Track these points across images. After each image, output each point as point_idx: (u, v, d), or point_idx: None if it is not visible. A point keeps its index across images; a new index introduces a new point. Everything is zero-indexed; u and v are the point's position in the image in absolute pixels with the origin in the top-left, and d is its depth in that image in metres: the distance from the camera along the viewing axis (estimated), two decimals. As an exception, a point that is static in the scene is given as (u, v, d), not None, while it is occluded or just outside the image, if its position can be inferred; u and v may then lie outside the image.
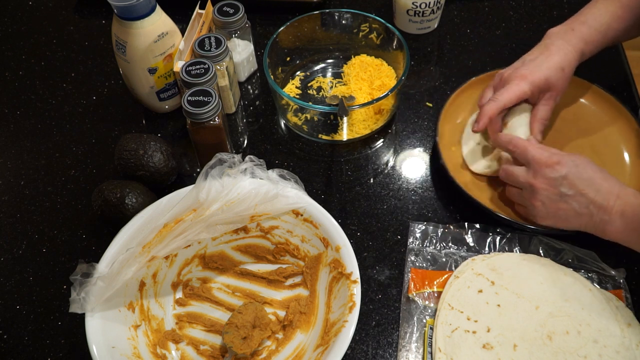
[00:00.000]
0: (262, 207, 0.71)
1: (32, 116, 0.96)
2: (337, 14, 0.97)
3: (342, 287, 0.68)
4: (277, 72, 0.95)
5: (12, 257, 0.80)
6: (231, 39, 0.94)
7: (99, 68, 1.03)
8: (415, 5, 0.98)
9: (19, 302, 0.76)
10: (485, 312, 0.70)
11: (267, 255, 0.77)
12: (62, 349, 0.73)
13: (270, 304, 0.75)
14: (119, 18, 0.81)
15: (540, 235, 0.77)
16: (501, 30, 1.06)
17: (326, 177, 0.87)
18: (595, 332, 0.68)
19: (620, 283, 0.73)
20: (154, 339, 0.69)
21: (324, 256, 0.72)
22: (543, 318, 0.69)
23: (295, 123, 0.92)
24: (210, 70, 0.81)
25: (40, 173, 0.89)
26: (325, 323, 0.68)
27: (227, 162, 0.71)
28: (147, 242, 0.67)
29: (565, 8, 1.08)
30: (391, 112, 0.91)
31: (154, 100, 0.92)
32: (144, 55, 0.84)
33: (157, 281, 0.73)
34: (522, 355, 0.67)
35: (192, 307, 0.75)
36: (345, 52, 1.00)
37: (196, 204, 0.69)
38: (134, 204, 0.76)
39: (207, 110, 0.77)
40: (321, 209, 0.72)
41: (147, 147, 0.80)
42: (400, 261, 0.78)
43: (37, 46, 1.07)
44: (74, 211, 0.85)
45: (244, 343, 0.69)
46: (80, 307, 0.64)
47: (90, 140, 0.93)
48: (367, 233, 0.81)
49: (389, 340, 0.72)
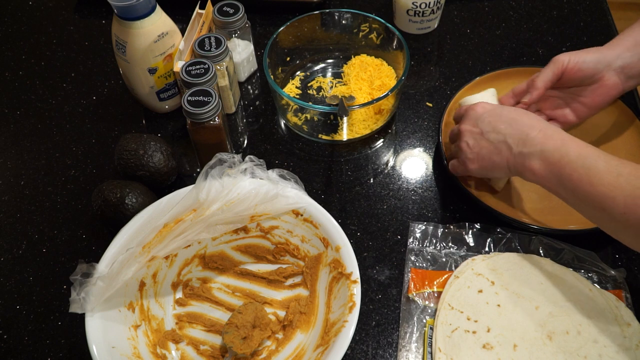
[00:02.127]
0: (262, 207, 0.71)
1: (32, 116, 0.96)
2: (337, 14, 0.97)
3: (342, 287, 0.68)
4: (277, 72, 0.95)
5: (12, 257, 0.80)
6: (231, 39, 0.94)
7: (99, 68, 1.03)
8: (415, 5, 0.98)
9: (19, 302, 0.76)
10: (485, 312, 0.70)
11: (267, 255, 0.77)
12: (62, 349, 0.73)
13: (270, 304, 0.75)
14: (119, 18, 0.81)
15: (540, 235, 0.77)
16: (501, 30, 1.06)
17: (326, 177, 0.87)
18: (595, 332, 0.68)
19: (620, 283, 0.73)
20: (154, 339, 0.69)
21: (324, 256, 0.72)
22: (543, 318, 0.69)
23: (295, 123, 0.92)
24: (210, 70, 0.81)
25: (40, 173, 0.89)
26: (325, 323, 0.68)
27: (227, 162, 0.71)
28: (147, 242, 0.67)
29: (565, 8, 1.08)
30: (391, 112, 0.91)
31: (154, 100, 0.92)
32: (144, 55, 0.84)
33: (157, 281, 0.73)
34: (522, 355, 0.67)
35: (192, 307, 0.75)
36: (345, 52, 1.00)
37: (196, 204, 0.69)
38: (134, 204, 0.76)
39: (207, 110, 0.77)
40: (321, 209, 0.72)
41: (147, 147, 0.80)
42: (400, 261, 0.78)
43: (37, 46, 1.07)
44: (74, 211, 0.85)
45: (244, 343, 0.69)
46: (80, 307, 0.63)
47: (90, 140, 0.93)
48: (367, 233, 0.81)
49: (389, 340, 0.72)
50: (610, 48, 0.78)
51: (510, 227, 0.78)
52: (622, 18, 2.09)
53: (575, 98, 0.82)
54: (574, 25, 1.06)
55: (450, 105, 0.89)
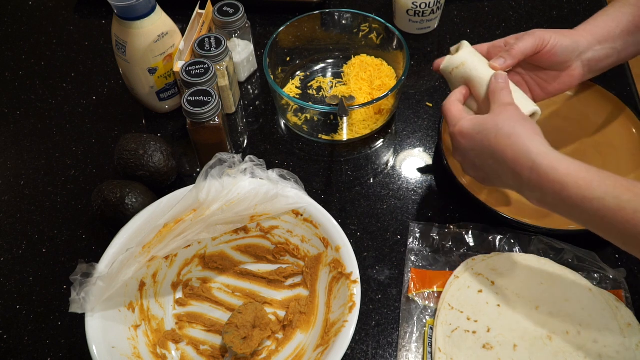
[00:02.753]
0: (262, 207, 0.71)
1: (32, 116, 0.96)
2: (337, 14, 0.97)
3: (342, 287, 0.68)
4: (277, 72, 0.95)
5: (12, 257, 0.80)
6: (231, 39, 0.94)
7: (99, 68, 1.03)
8: (415, 5, 0.98)
9: (19, 302, 0.76)
10: (485, 312, 0.70)
11: (267, 255, 0.77)
12: (62, 349, 0.73)
13: (270, 304, 0.75)
14: (119, 18, 0.81)
15: (540, 235, 0.77)
16: (501, 30, 1.06)
17: (326, 177, 0.87)
18: (595, 332, 0.68)
19: (620, 283, 0.73)
20: (154, 339, 0.69)
21: (324, 256, 0.72)
22: (543, 318, 0.69)
23: (295, 123, 0.92)
24: (210, 70, 0.81)
25: (40, 173, 0.89)
26: (325, 323, 0.68)
27: (227, 162, 0.71)
28: (147, 242, 0.67)
29: (565, 8, 1.08)
30: (391, 112, 0.91)
31: (154, 100, 0.92)
32: (144, 55, 0.84)
33: (157, 281, 0.73)
34: (522, 355, 0.67)
35: (192, 307, 0.75)
36: (345, 52, 1.00)
37: (196, 204, 0.69)
38: (134, 204, 0.76)
39: (207, 110, 0.77)
40: (321, 209, 0.72)
41: (147, 147, 0.80)
42: (400, 261, 0.78)
43: (37, 46, 1.07)
44: (74, 211, 0.85)
45: (244, 343, 0.69)
46: (80, 307, 0.63)
47: (90, 140, 0.93)
48: (367, 233, 0.81)
49: (389, 340, 0.72)
50: (584, 35, 0.74)
51: (510, 227, 0.78)
52: (622, 18, 2.07)
53: (536, 80, 0.78)
54: (574, 26, 1.05)
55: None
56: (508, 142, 0.62)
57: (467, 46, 0.76)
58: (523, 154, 0.61)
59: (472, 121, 0.68)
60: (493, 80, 0.70)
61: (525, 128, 0.63)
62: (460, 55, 0.75)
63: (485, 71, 0.72)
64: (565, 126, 0.89)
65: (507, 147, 0.62)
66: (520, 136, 0.62)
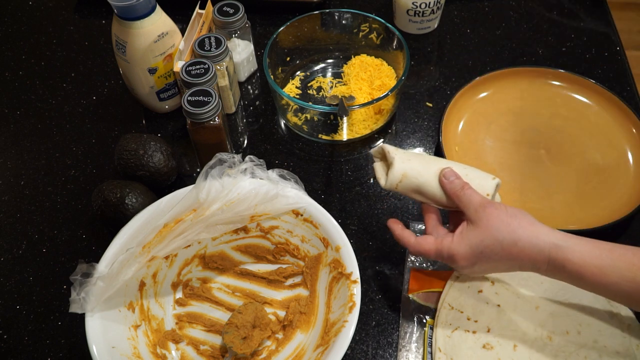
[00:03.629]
0: (262, 207, 0.71)
1: (32, 116, 0.96)
2: (337, 14, 0.97)
3: (342, 287, 0.68)
4: (277, 72, 0.95)
5: (12, 257, 0.80)
6: (231, 39, 0.94)
7: (99, 68, 1.03)
8: (415, 5, 0.98)
9: (19, 302, 0.76)
10: (485, 312, 0.70)
11: (267, 255, 0.77)
12: (62, 349, 0.73)
13: (270, 304, 0.75)
14: (119, 18, 0.81)
15: (540, 235, 0.76)
16: (501, 30, 1.06)
17: (326, 177, 0.87)
18: (595, 332, 0.68)
19: (620, 283, 0.73)
20: (154, 339, 0.69)
21: (324, 256, 0.72)
22: (543, 318, 0.69)
23: (295, 123, 0.92)
24: (210, 70, 0.81)
25: (40, 173, 0.89)
26: (325, 323, 0.68)
27: (227, 162, 0.71)
28: (147, 242, 0.67)
29: (565, 8, 1.08)
30: (391, 112, 0.91)
31: (154, 100, 0.92)
32: (144, 55, 0.84)
33: (157, 281, 0.73)
34: (522, 355, 0.67)
35: (192, 307, 0.75)
36: (345, 52, 1.00)
37: (196, 204, 0.69)
38: (134, 204, 0.76)
39: (207, 110, 0.77)
40: (321, 209, 0.72)
41: (147, 147, 0.80)
42: (400, 261, 0.78)
43: (37, 46, 1.07)
44: (74, 211, 0.85)
45: (244, 343, 0.69)
46: (80, 307, 0.64)
47: (90, 140, 0.93)
48: (367, 233, 0.81)
49: (389, 340, 0.72)
50: None
51: (510, 227, 0.78)
52: (622, 18, 2.09)
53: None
54: (574, 25, 1.06)
55: (450, 105, 0.89)
56: (517, 249, 0.62)
57: (394, 151, 0.69)
58: (536, 254, 0.61)
59: (465, 243, 0.64)
60: (445, 182, 0.66)
61: (524, 228, 0.62)
62: (397, 168, 0.67)
63: (428, 172, 0.67)
64: (565, 126, 0.89)
65: (520, 253, 0.62)
66: (526, 239, 0.61)
